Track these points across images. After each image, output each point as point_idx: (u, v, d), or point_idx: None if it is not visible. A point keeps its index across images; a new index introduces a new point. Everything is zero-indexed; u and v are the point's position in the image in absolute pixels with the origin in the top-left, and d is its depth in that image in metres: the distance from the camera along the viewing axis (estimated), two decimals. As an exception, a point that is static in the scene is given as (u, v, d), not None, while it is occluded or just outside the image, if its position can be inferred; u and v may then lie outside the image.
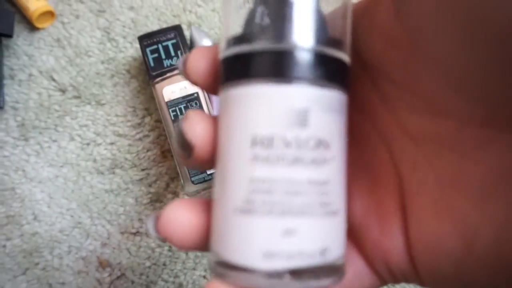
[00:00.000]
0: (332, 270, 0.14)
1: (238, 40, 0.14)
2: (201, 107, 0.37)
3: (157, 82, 0.37)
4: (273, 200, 0.13)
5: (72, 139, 0.41)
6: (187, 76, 0.16)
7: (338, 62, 0.14)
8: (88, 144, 0.41)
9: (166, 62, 0.37)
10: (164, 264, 0.39)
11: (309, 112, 0.13)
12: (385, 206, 0.16)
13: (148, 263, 0.39)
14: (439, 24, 0.12)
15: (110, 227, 0.40)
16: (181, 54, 0.37)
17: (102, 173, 0.40)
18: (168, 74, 0.37)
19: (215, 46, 0.16)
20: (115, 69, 0.41)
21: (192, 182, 0.37)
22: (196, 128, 0.15)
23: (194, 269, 0.40)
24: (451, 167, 0.14)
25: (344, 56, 0.15)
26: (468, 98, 0.13)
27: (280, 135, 0.13)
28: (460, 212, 0.14)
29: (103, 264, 0.39)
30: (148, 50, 0.38)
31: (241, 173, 0.14)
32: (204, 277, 0.39)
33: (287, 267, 0.13)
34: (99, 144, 0.41)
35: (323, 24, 0.14)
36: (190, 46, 0.39)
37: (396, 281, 0.16)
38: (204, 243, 0.15)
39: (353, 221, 0.16)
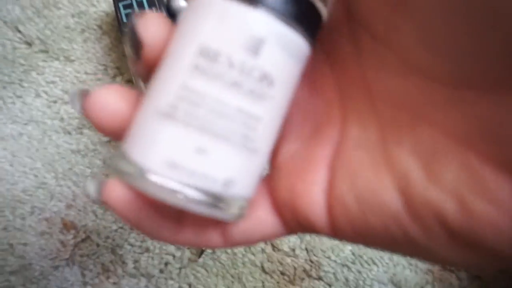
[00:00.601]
0: (229, 206, 0.13)
1: None
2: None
3: (129, 39, 0.35)
4: (197, 114, 0.13)
5: (38, 95, 0.39)
6: None
7: (313, 10, 0.14)
8: (55, 101, 0.39)
9: (140, 18, 0.35)
10: (131, 228, 0.39)
11: (264, 42, 0.13)
12: (315, 155, 0.15)
13: (114, 226, 0.39)
14: None
15: (76, 189, 0.39)
16: (155, 11, 0.35)
17: (69, 133, 0.39)
18: (141, 31, 0.35)
19: None
20: (86, 24, 0.39)
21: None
22: (149, 28, 0.14)
23: (161, 234, 0.39)
24: (401, 127, 0.14)
25: (322, 8, 0.14)
26: (439, 55, 0.12)
27: (228, 54, 0.13)
28: (403, 167, 0.13)
29: (67, 226, 0.38)
30: (121, 4, 0.36)
31: (177, 77, 0.13)
32: (172, 242, 0.39)
33: (185, 183, 0.13)
34: (66, 102, 0.39)
35: None
36: (166, 2, 0.37)
37: (302, 231, 0.16)
38: (122, 134, 0.14)
39: (277, 163, 0.16)
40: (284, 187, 0.16)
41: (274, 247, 0.39)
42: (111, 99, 0.14)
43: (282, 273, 0.39)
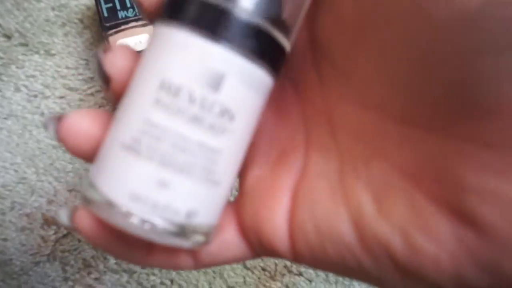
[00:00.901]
0: (194, 235, 0.14)
1: None
2: (156, 64, 0.35)
3: (111, 35, 0.35)
4: (159, 148, 0.13)
5: (17, 89, 0.38)
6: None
7: (277, 45, 0.14)
8: (35, 96, 0.38)
9: (121, 14, 0.35)
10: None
11: (225, 78, 0.13)
12: (279, 182, 0.16)
13: (96, 223, 0.38)
14: (385, 13, 0.12)
15: (57, 184, 0.38)
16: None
17: (50, 128, 0.38)
18: (122, 27, 0.35)
19: None
20: (67, 17, 0.39)
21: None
22: (116, 62, 0.14)
23: (143, 230, 0.39)
24: (358, 159, 0.14)
25: (285, 42, 0.14)
26: (392, 92, 0.13)
27: (189, 89, 0.13)
28: (357, 200, 0.14)
29: (48, 221, 0.38)
30: (102, -2, 0.35)
31: (140, 111, 0.13)
32: (154, 238, 0.39)
33: (149, 215, 0.13)
34: (47, 97, 0.39)
35: (274, 3, 0.14)
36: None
37: (266, 255, 0.16)
38: (94, 157, 0.15)
39: (243, 188, 0.17)
40: (249, 212, 0.16)
41: (255, 243, 0.39)
42: (83, 124, 0.14)
43: (263, 269, 0.39)
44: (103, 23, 0.35)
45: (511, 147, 0.11)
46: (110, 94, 0.15)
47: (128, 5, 0.35)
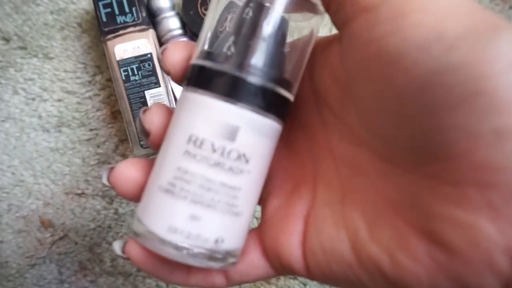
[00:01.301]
0: (222, 258, 0.17)
1: (207, 55, 0.17)
2: (154, 68, 0.35)
3: (109, 39, 0.35)
4: (190, 189, 0.16)
5: (15, 92, 0.39)
6: (162, 65, 0.18)
7: (281, 98, 0.17)
8: (33, 99, 0.39)
9: (120, 19, 0.35)
10: (109, 227, 0.39)
11: (239, 130, 0.16)
12: (294, 211, 0.19)
13: (92, 225, 0.39)
14: (361, 75, 0.15)
15: (54, 187, 0.39)
16: (136, 11, 0.35)
17: (48, 131, 0.39)
18: (121, 32, 0.35)
19: (191, 44, 0.19)
20: (66, 21, 0.39)
21: (141, 145, 0.36)
22: (153, 119, 0.18)
23: (139, 233, 0.39)
24: (355, 189, 0.17)
25: (288, 94, 0.17)
26: (373, 135, 0.16)
27: (211, 141, 0.16)
28: (353, 226, 0.17)
29: (45, 224, 0.38)
30: (100, 3, 0.35)
31: (173, 160, 0.17)
32: (150, 241, 0.39)
33: (184, 243, 0.16)
34: (45, 100, 0.39)
35: (278, 65, 0.17)
36: (146, 2, 0.37)
37: (287, 273, 0.19)
38: (139, 197, 0.18)
39: (265, 217, 0.20)
40: (270, 237, 0.19)
41: (250, 247, 0.40)
42: (129, 172, 0.18)
43: (258, 272, 0.39)
44: (102, 28, 0.35)
45: (466, 184, 0.13)
46: (150, 144, 0.19)
47: (127, 10, 0.35)
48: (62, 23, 0.39)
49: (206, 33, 0.18)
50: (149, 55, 0.35)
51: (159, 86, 0.36)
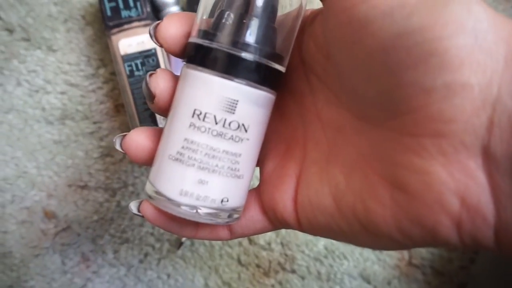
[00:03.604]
0: (228, 214, 0.19)
1: (204, 34, 0.19)
2: (158, 64, 0.36)
3: (113, 34, 0.35)
4: (196, 157, 0.18)
5: (19, 84, 0.39)
6: (156, 38, 0.20)
7: (274, 71, 0.19)
8: (36, 91, 0.39)
9: (124, 13, 0.35)
10: (112, 219, 0.39)
11: (238, 103, 0.18)
12: (287, 171, 0.21)
13: (95, 217, 0.39)
14: (337, 40, 0.17)
15: (58, 179, 0.39)
16: (140, 5, 0.35)
17: (51, 123, 0.39)
18: (125, 26, 0.35)
19: (187, 16, 0.20)
20: (69, 13, 0.39)
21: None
22: (158, 83, 0.20)
23: (141, 225, 0.40)
24: (337, 147, 0.19)
25: (280, 67, 0.19)
26: (351, 96, 0.18)
27: (213, 114, 0.18)
28: (335, 180, 0.19)
29: (48, 215, 0.39)
30: (105, -3, 0.35)
31: (180, 132, 0.19)
32: (152, 234, 0.40)
33: (194, 204, 0.18)
34: (48, 92, 0.39)
35: (270, 41, 0.19)
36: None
37: (282, 227, 0.21)
38: (150, 163, 0.20)
39: (262, 178, 0.22)
40: (267, 195, 0.21)
41: (250, 241, 0.40)
42: (139, 139, 0.20)
43: (258, 266, 0.40)
44: (106, 22, 0.35)
45: (422, 135, 0.15)
46: (154, 107, 0.20)
47: (131, 4, 0.35)
48: (66, 15, 0.39)
49: (202, 12, 0.20)
50: (153, 50, 0.36)
51: (163, 81, 0.36)
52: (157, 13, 0.37)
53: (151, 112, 0.36)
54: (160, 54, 0.36)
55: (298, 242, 0.40)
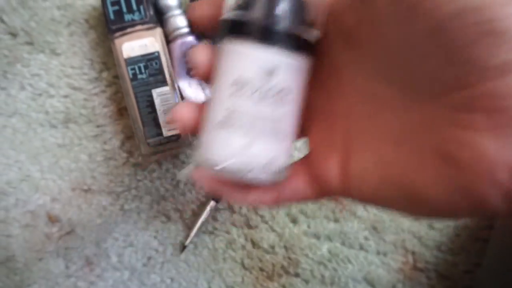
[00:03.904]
0: (274, 174, 0.21)
1: (239, 7, 0.20)
2: (161, 67, 0.36)
3: (117, 37, 0.35)
4: (241, 122, 0.20)
5: (22, 88, 0.39)
6: (192, 17, 0.22)
7: (307, 40, 0.20)
8: (40, 94, 0.39)
9: (127, 17, 0.35)
10: (115, 223, 0.39)
11: (276, 69, 0.20)
12: (333, 141, 0.22)
13: (99, 221, 0.39)
14: (389, 18, 0.17)
15: (61, 183, 0.39)
16: (143, 9, 0.35)
17: (55, 127, 0.39)
18: (128, 30, 0.35)
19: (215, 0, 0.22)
20: (72, 17, 0.39)
21: (148, 144, 0.36)
22: (198, 54, 0.21)
23: (145, 229, 0.40)
24: (381, 120, 0.20)
25: (312, 36, 0.21)
26: (400, 73, 0.18)
27: (254, 80, 0.20)
28: (380, 151, 0.20)
29: (52, 219, 0.39)
30: (108, 1, 0.35)
31: (224, 100, 0.20)
32: (155, 237, 0.40)
33: (241, 166, 0.20)
34: (52, 96, 0.39)
35: (301, 12, 0.20)
36: (154, 1, 0.37)
37: (327, 196, 0.22)
38: (195, 131, 0.22)
39: (310, 148, 0.23)
40: (315, 165, 0.22)
41: (254, 244, 0.40)
42: (183, 112, 0.22)
43: (261, 269, 0.40)
44: (109, 26, 0.35)
45: (475, 110, 0.15)
46: (194, 75, 0.22)
47: (134, 8, 0.35)
48: (69, 19, 0.39)
49: None
50: (156, 54, 0.35)
51: (166, 84, 0.36)
52: (159, 16, 0.37)
53: (155, 115, 0.36)
54: (163, 57, 0.36)
55: (302, 246, 0.40)
